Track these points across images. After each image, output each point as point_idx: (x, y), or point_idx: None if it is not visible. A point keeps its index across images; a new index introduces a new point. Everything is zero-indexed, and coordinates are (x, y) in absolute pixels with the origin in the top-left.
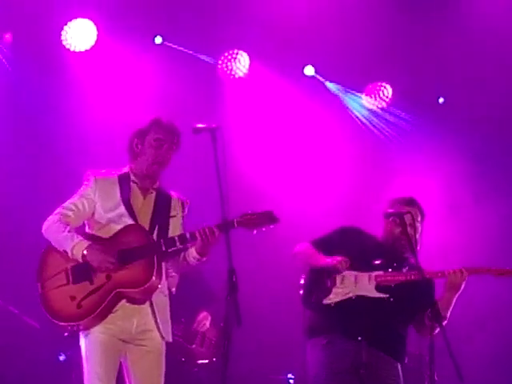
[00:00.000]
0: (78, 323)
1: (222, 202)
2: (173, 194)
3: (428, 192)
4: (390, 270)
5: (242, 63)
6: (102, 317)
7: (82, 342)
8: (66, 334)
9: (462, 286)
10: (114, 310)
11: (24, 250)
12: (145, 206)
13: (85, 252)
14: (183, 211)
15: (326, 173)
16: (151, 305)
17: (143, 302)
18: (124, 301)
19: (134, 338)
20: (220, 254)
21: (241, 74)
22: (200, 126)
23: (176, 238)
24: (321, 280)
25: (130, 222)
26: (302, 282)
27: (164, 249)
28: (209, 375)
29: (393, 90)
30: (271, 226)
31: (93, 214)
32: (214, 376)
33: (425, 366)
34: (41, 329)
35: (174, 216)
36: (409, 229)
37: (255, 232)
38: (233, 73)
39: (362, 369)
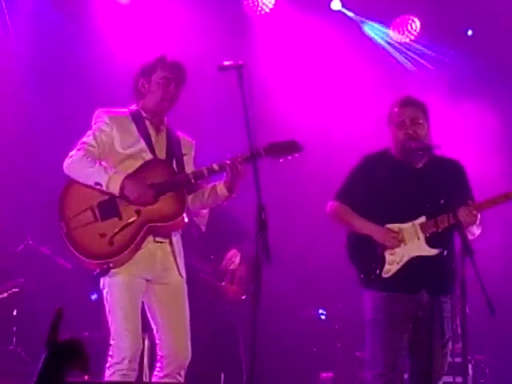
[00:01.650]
0: (111, 260)
1: (249, 136)
2: (180, 134)
3: (454, 125)
4: (422, 194)
5: None
6: (134, 252)
7: (106, 283)
8: (95, 273)
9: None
10: (143, 246)
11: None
12: (158, 143)
13: (123, 184)
14: (192, 150)
15: (353, 106)
16: (171, 243)
17: (168, 236)
18: (151, 237)
19: (158, 276)
20: (248, 192)
21: (267, 10)
22: (226, 63)
23: (204, 169)
24: (370, 248)
25: (149, 157)
26: (349, 251)
27: (193, 181)
28: (239, 313)
29: (421, 24)
30: (296, 155)
31: (110, 149)
32: (245, 314)
33: (456, 300)
34: (72, 269)
35: (186, 154)
36: (410, 128)
37: (281, 160)
38: (259, 8)
39: (421, 311)
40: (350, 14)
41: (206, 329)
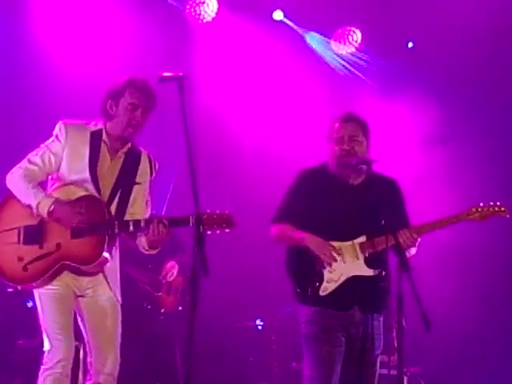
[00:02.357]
0: (19, 285)
1: (188, 148)
2: (143, 155)
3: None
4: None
5: (209, 8)
6: (45, 283)
7: (36, 294)
8: (9, 289)
9: None
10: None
11: None
12: (110, 170)
13: (52, 207)
14: (151, 175)
15: (296, 117)
16: (103, 272)
17: (93, 275)
18: (67, 271)
19: (86, 290)
20: (186, 204)
21: (209, 19)
22: (166, 74)
23: (131, 222)
24: (308, 265)
25: (92, 188)
26: (287, 266)
27: (117, 231)
28: (175, 324)
29: (362, 35)
30: (226, 231)
31: (58, 169)
32: (181, 324)
33: (392, 313)
34: None
35: (139, 183)
36: (348, 144)
37: (209, 233)
38: (201, 17)
39: (353, 328)
40: (292, 24)
41: (142, 338)
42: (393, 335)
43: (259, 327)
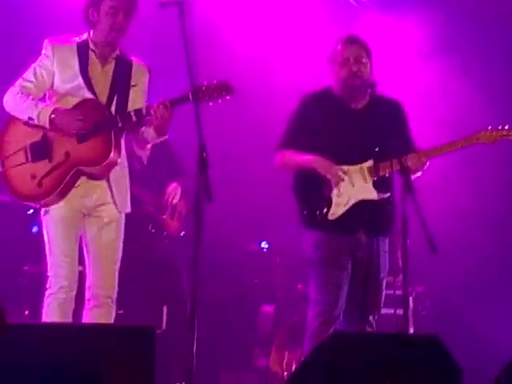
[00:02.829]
0: (39, 201)
1: (190, 75)
2: (134, 60)
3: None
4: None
5: None
6: (63, 194)
7: (43, 219)
8: (30, 211)
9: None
10: (75, 185)
11: None
12: (103, 76)
13: (52, 116)
14: (146, 77)
15: (296, 39)
16: (108, 179)
17: (103, 178)
18: (84, 177)
19: (93, 210)
20: (190, 132)
21: None
22: None
23: (132, 112)
24: (316, 189)
25: (88, 94)
26: (295, 190)
27: (120, 124)
28: (181, 247)
29: None
30: (227, 97)
31: (52, 84)
32: (186, 248)
33: (397, 235)
34: (11, 202)
35: (135, 85)
36: (354, 66)
37: (211, 104)
38: None
39: (358, 251)
40: None
41: (147, 261)
42: (397, 256)
43: (264, 249)
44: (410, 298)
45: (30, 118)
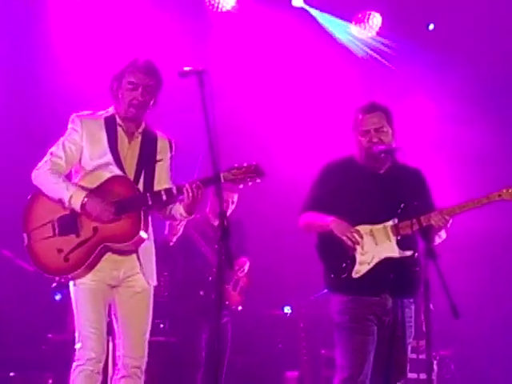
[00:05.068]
0: (66, 276)
1: (212, 151)
2: (159, 134)
3: (419, 120)
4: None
5: None
6: (90, 269)
7: (72, 290)
8: (53, 284)
9: None
10: (103, 259)
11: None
12: (130, 152)
13: (85, 200)
14: (171, 152)
15: (318, 105)
16: (136, 252)
17: (131, 253)
18: (110, 252)
19: (123, 281)
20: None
21: (228, 7)
22: (186, 68)
23: (163, 191)
24: (340, 248)
25: (117, 170)
26: (319, 250)
27: (150, 202)
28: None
29: (382, 19)
30: (258, 181)
31: (79, 159)
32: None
33: (420, 298)
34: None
35: (161, 160)
36: (375, 136)
37: (241, 186)
38: (220, 6)
39: (384, 316)
40: (312, 10)
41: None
42: (421, 319)
43: (287, 314)
44: (434, 362)
45: (61, 201)
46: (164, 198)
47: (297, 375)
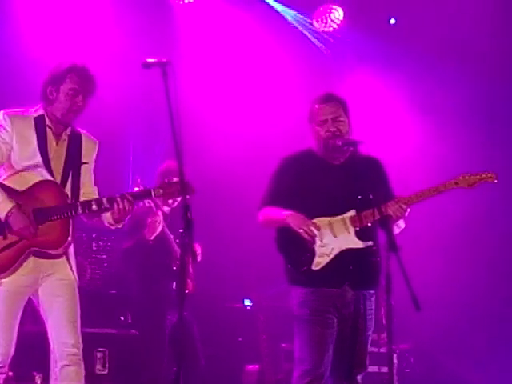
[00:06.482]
0: None
1: (176, 142)
2: (84, 135)
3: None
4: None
5: None
6: (14, 271)
7: None
8: None
9: None
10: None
11: None
12: (58, 153)
13: (10, 213)
14: (94, 153)
15: (280, 99)
16: (66, 255)
17: (58, 258)
18: (34, 256)
19: (43, 279)
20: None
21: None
22: (150, 60)
23: (93, 202)
24: (299, 241)
25: (45, 172)
26: (278, 243)
27: (80, 212)
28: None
29: (344, 12)
30: (187, 197)
31: (8, 157)
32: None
33: (381, 291)
34: None
35: (86, 163)
36: (332, 125)
37: (170, 202)
38: None
39: (345, 308)
40: (274, 3)
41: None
42: (381, 313)
43: (248, 307)
44: (394, 356)
45: None
46: (94, 207)
47: (257, 368)
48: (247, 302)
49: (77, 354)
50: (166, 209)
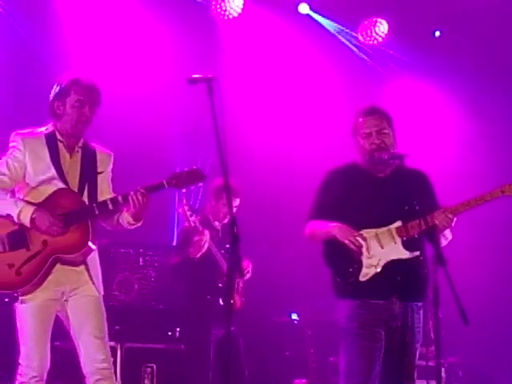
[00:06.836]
0: (18, 290)
1: (221, 157)
2: (97, 148)
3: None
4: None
5: (235, 3)
6: (41, 282)
7: (17, 309)
8: (6, 299)
9: None
10: (53, 271)
11: None
12: (72, 166)
13: (34, 216)
14: (109, 165)
15: (324, 113)
16: (85, 264)
17: (80, 264)
18: (59, 264)
19: (69, 293)
20: None
21: (235, 14)
22: (195, 76)
23: (108, 201)
24: (346, 253)
25: (60, 184)
26: (325, 256)
27: (97, 212)
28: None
29: (388, 26)
30: (200, 184)
31: (23, 176)
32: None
33: (429, 304)
34: None
35: (102, 172)
36: (377, 138)
37: (184, 190)
38: (226, 13)
39: (392, 321)
40: (318, 17)
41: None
42: (429, 326)
43: (295, 322)
44: (443, 369)
45: (9, 216)
46: (110, 207)
47: (305, 382)
48: (294, 316)
49: (107, 367)
50: (216, 224)
